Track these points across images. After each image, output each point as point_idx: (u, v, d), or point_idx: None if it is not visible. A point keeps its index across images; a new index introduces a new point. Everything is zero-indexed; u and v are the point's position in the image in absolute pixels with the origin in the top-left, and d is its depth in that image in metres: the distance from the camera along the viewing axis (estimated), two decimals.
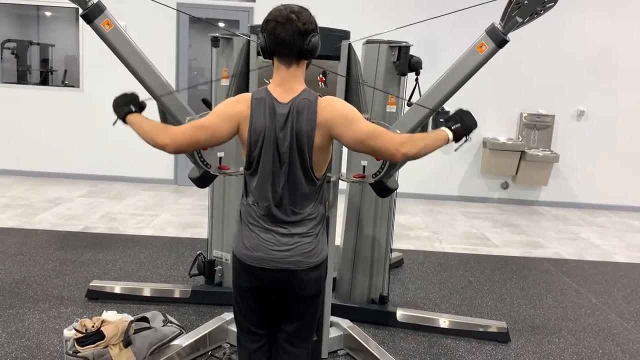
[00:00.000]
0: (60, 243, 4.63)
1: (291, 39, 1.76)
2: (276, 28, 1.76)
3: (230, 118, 1.83)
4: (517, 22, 2.27)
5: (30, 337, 3.03)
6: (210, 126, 1.84)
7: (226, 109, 1.86)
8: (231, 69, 2.91)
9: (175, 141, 1.85)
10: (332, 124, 1.79)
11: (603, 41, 6.97)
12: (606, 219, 6.90)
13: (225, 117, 1.84)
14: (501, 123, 7.23)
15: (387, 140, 1.80)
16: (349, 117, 1.80)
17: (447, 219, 6.37)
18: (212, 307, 3.52)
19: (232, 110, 1.83)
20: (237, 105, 1.84)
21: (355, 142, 1.81)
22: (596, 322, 3.75)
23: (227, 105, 1.87)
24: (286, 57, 1.81)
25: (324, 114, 1.79)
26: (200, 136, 1.85)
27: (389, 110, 3.24)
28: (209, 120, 1.85)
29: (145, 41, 2.92)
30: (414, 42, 3.29)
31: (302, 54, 1.81)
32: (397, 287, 4.13)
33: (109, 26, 2.42)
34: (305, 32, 1.77)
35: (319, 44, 1.84)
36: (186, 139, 1.85)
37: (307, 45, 1.79)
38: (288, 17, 1.76)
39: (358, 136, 1.79)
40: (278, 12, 1.78)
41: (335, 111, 1.80)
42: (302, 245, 1.88)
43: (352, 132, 1.79)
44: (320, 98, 1.83)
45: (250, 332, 2.03)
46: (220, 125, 1.84)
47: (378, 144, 1.80)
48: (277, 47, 1.79)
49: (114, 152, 7.11)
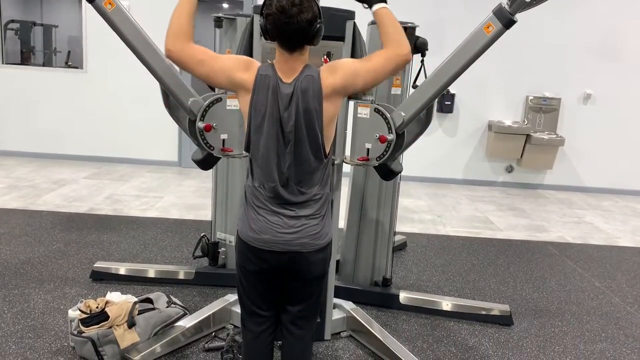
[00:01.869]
0: (65, 224, 4.65)
1: (295, 33, 1.74)
2: (279, 23, 1.73)
3: (232, 79, 1.82)
4: (525, 2, 2.23)
5: (35, 317, 3.06)
6: (210, 68, 1.82)
7: (233, 68, 1.82)
8: (235, 50, 2.88)
9: (177, 54, 1.81)
10: (343, 86, 1.82)
11: (611, 23, 6.88)
12: (611, 203, 6.88)
13: (228, 73, 1.82)
14: (507, 106, 7.18)
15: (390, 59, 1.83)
16: (351, 69, 1.82)
17: (451, 202, 6.36)
18: (216, 289, 3.54)
19: (237, 75, 1.81)
20: (245, 74, 1.81)
21: (372, 83, 1.87)
22: (599, 306, 3.75)
23: (236, 65, 1.83)
24: (288, 45, 1.79)
25: (328, 81, 1.80)
26: (197, 69, 1.83)
27: (393, 92, 3.22)
28: (213, 63, 1.82)
29: (148, 21, 2.88)
30: (420, 23, 3.24)
31: (305, 41, 1.79)
32: (400, 269, 4.14)
33: (111, 5, 2.40)
34: (309, 23, 1.73)
35: (322, 30, 1.81)
36: (184, 61, 1.82)
37: (311, 34, 1.77)
38: (289, 13, 1.70)
39: (371, 77, 1.83)
40: (279, 6, 1.71)
41: (337, 73, 1.81)
42: (310, 227, 1.88)
43: (364, 80, 1.83)
44: (320, 70, 1.82)
45: (254, 313, 2.03)
46: (220, 75, 1.83)
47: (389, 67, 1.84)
48: (280, 38, 1.78)
49: (118, 133, 7.11)
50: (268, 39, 1.83)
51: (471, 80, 5.02)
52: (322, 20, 1.79)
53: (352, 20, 2.60)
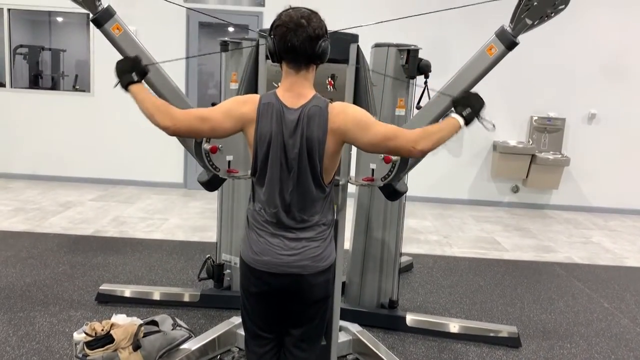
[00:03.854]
0: (71, 246, 4.66)
1: (301, 45, 1.75)
2: (286, 34, 1.75)
3: (235, 118, 1.83)
4: (527, 24, 2.25)
5: (40, 340, 3.05)
6: (213, 120, 1.83)
7: (232, 107, 1.85)
8: (240, 73, 2.91)
9: (176, 125, 1.83)
10: (346, 130, 1.79)
11: (614, 43, 6.92)
12: (618, 222, 6.83)
13: (230, 115, 1.83)
14: (511, 126, 7.19)
15: (402, 139, 1.80)
16: (363, 121, 1.80)
17: (457, 222, 6.33)
18: (221, 311, 3.52)
19: (238, 111, 1.83)
20: (244, 107, 1.83)
21: (371, 145, 1.83)
22: (608, 327, 3.70)
23: (234, 103, 1.86)
24: (296, 63, 1.80)
25: (336, 120, 1.79)
26: (202, 127, 1.84)
27: (397, 113, 3.24)
28: (213, 113, 1.84)
29: (155, 46, 2.93)
30: (423, 45, 3.28)
31: (312, 59, 1.81)
32: (406, 291, 4.11)
33: (119, 30, 2.44)
34: (316, 37, 1.76)
35: (329, 49, 1.83)
36: (186, 127, 1.84)
37: (317, 51, 1.79)
38: (299, 23, 1.74)
39: (374, 140, 1.80)
40: (288, 17, 1.76)
41: (349, 117, 1.80)
42: (310, 250, 1.87)
43: (368, 136, 1.79)
44: (331, 104, 1.82)
45: (258, 336, 2.02)
46: (223, 121, 1.83)
47: (395, 144, 1.81)
48: (287, 52, 1.78)
49: (124, 156, 7.16)
50: (275, 61, 1.85)
51: None
52: (328, 39, 1.81)
53: (355, 44, 2.63)
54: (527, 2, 2.22)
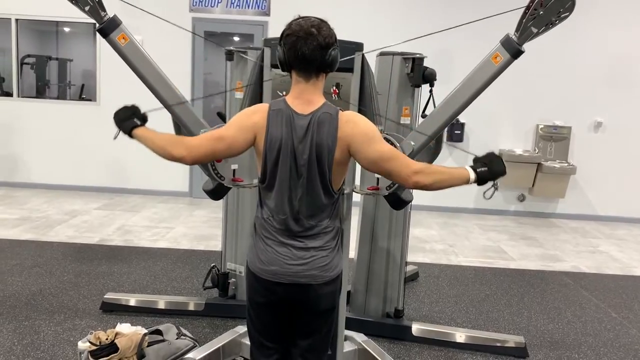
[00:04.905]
0: (76, 255, 4.66)
1: (312, 54, 1.76)
2: (297, 43, 1.76)
3: (248, 129, 1.83)
4: (532, 32, 2.25)
5: (45, 349, 3.04)
6: (228, 137, 1.83)
7: (243, 119, 1.85)
8: (245, 82, 2.92)
9: (192, 153, 1.83)
10: (352, 140, 1.79)
11: (620, 51, 6.90)
12: (626, 231, 6.78)
13: (242, 128, 1.83)
14: (517, 135, 7.18)
15: (401, 164, 1.79)
16: (369, 135, 1.80)
17: (463, 231, 6.31)
18: (226, 320, 3.51)
19: (249, 121, 1.83)
20: (254, 116, 1.83)
21: (369, 161, 1.81)
22: (617, 338, 3.67)
23: (244, 115, 1.87)
24: (306, 71, 1.81)
25: (345, 129, 1.79)
26: (218, 147, 1.83)
27: (403, 122, 3.23)
28: (226, 131, 1.84)
29: (160, 55, 2.94)
30: (428, 53, 3.28)
31: (322, 68, 1.81)
32: (412, 300, 4.09)
33: (125, 40, 2.45)
34: (326, 46, 1.77)
35: (339, 57, 1.84)
36: (203, 151, 1.83)
37: (328, 60, 1.79)
38: (309, 32, 1.75)
39: (374, 156, 1.79)
40: (298, 26, 1.77)
41: (357, 128, 1.80)
42: (318, 259, 1.86)
43: (369, 151, 1.79)
44: (341, 112, 1.82)
45: (263, 346, 2.01)
46: (238, 136, 1.82)
47: (392, 166, 1.79)
48: (298, 61, 1.79)
49: (129, 165, 7.18)
50: (285, 70, 1.85)
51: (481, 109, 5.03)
52: (338, 47, 1.82)
53: (360, 52, 2.63)
54: (533, 11, 2.22)
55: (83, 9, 2.41)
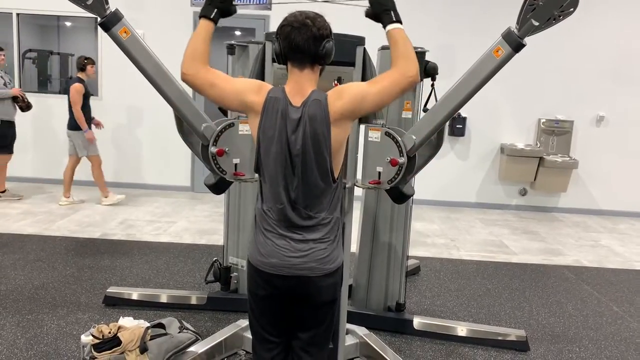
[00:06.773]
0: (79, 249, 4.68)
1: (305, 44, 1.78)
2: (291, 33, 1.78)
3: (242, 102, 1.86)
4: (533, 25, 2.24)
5: (48, 342, 3.06)
6: (222, 90, 1.87)
7: (244, 91, 1.86)
8: (247, 76, 2.92)
9: (192, 78, 1.87)
10: (352, 110, 1.81)
11: (622, 45, 6.88)
12: (628, 226, 6.78)
13: (238, 96, 1.86)
14: (519, 129, 7.17)
15: (394, 83, 1.81)
16: (360, 96, 1.80)
17: (465, 226, 6.31)
18: (228, 314, 3.52)
19: (248, 98, 1.84)
20: (254, 96, 1.84)
21: (379, 107, 1.86)
22: (618, 331, 3.67)
23: (247, 88, 1.87)
24: (300, 62, 1.82)
25: (335, 107, 1.79)
26: (210, 92, 1.88)
27: (404, 116, 3.23)
28: (225, 84, 1.87)
29: (162, 49, 2.94)
30: (430, 47, 3.27)
31: (316, 59, 1.82)
32: (414, 294, 4.09)
33: (127, 34, 2.44)
34: (320, 37, 1.79)
35: (333, 50, 1.85)
36: (198, 84, 1.88)
37: (321, 51, 1.80)
38: (303, 22, 1.78)
39: (376, 100, 1.81)
40: (293, 17, 1.80)
41: (345, 100, 1.80)
42: (318, 252, 1.87)
43: (370, 103, 1.81)
44: (328, 94, 1.83)
45: (265, 339, 2.01)
46: (232, 98, 1.87)
47: (391, 91, 1.81)
48: (292, 51, 1.80)
49: (131, 159, 7.19)
50: (281, 62, 1.86)
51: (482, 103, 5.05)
52: (333, 40, 1.83)
53: (362, 46, 2.63)
54: (532, 1, 2.21)
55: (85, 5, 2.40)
